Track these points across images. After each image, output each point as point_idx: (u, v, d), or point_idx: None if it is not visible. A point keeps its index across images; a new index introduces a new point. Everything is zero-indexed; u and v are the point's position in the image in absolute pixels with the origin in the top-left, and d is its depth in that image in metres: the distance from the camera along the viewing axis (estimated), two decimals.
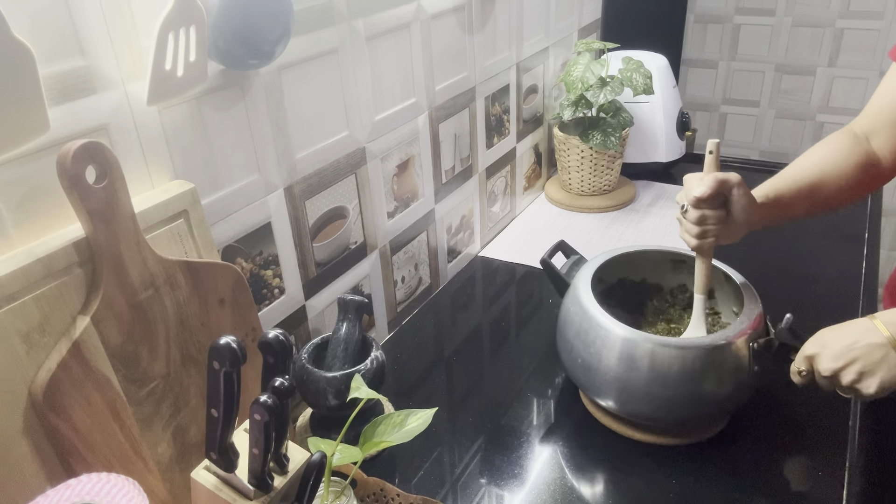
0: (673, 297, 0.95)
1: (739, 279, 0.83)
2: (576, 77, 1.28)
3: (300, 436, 0.86)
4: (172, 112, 0.65)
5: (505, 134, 1.30)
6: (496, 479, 0.79)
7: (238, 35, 0.64)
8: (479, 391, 0.93)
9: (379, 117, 0.93)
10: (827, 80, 2.01)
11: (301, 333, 0.89)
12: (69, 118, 0.56)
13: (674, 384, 0.75)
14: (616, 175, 1.42)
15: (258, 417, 0.50)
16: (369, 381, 0.78)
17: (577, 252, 0.94)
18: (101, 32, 0.57)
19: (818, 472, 0.77)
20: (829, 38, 1.96)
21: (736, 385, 0.76)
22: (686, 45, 2.18)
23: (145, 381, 0.61)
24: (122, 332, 0.58)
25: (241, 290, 0.70)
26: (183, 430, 0.65)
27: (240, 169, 0.74)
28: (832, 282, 1.11)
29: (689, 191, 0.77)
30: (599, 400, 0.82)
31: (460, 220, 1.21)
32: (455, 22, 1.05)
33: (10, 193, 0.54)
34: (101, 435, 0.57)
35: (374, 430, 0.67)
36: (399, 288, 1.08)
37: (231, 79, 0.70)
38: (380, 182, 0.97)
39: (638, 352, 0.75)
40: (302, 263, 0.86)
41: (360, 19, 0.85)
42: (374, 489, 0.74)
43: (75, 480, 0.50)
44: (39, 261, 0.53)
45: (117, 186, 0.56)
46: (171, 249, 0.64)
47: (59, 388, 0.54)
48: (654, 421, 0.81)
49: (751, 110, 2.17)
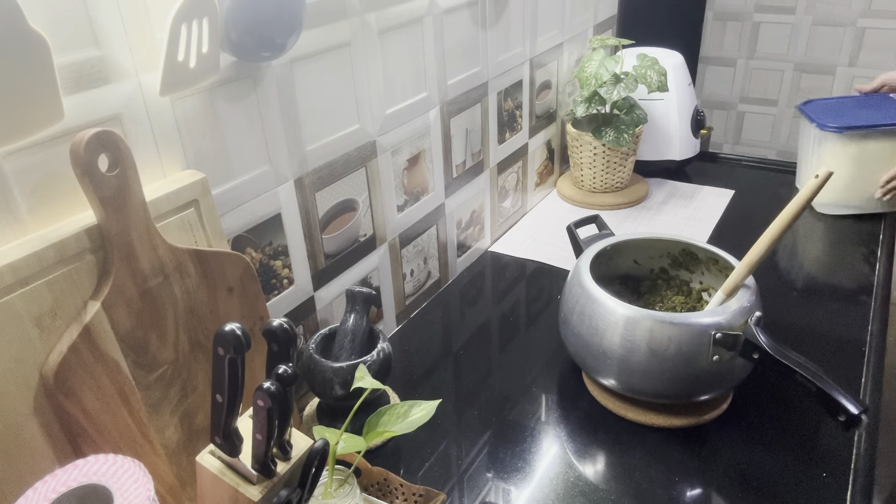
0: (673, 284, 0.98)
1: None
2: (590, 73, 1.28)
3: (307, 425, 0.87)
4: (185, 103, 0.66)
5: (517, 129, 1.30)
6: (502, 473, 0.79)
7: (250, 27, 0.65)
8: (487, 386, 0.94)
9: (390, 111, 0.94)
10: (847, 79, 1.99)
11: (309, 324, 0.90)
12: (83, 107, 0.57)
13: (671, 360, 0.77)
14: (629, 172, 1.42)
15: (261, 404, 0.51)
16: (375, 372, 0.79)
17: (609, 227, 0.98)
18: (116, 23, 0.58)
19: (822, 454, 0.77)
20: (850, 38, 1.94)
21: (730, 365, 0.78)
22: (704, 43, 2.16)
23: (154, 366, 0.62)
24: (132, 318, 0.60)
25: (249, 280, 0.71)
26: (190, 416, 0.66)
27: (251, 160, 0.75)
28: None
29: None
30: (601, 378, 0.84)
31: (471, 214, 1.21)
32: (468, 16, 1.06)
33: (24, 180, 0.55)
34: (109, 418, 0.58)
35: (378, 419, 0.68)
36: (408, 281, 1.08)
37: (243, 71, 0.71)
38: (390, 175, 0.97)
39: (637, 329, 0.78)
40: (311, 255, 0.87)
41: (373, 13, 0.86)
42: (377, 479, 0.74)
43: (83, 461, 0.51)
44: (52, 246, 0.54)
45: (129, 175, 0.57)
46: (182, 238, 0.65)
47: (70, 371, 0.55)
48: (654, 397, 0.82)
49: (769, 109, 2.15)
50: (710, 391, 0.82)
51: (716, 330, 0.75)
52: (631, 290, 0.99)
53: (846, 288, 1.09)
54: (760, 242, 0.78)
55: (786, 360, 0.72)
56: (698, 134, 1.51)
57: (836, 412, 0.68)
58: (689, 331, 0.76)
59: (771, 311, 0.81)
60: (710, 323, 0.76)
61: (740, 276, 0.80)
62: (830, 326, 1.00)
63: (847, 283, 1.10)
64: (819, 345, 0.97)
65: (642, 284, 0.99)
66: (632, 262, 0.99)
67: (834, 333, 0.99)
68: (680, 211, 1.37)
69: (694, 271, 0.96)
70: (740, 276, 0.80)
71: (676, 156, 1.47)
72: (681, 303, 0.95)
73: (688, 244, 0.93)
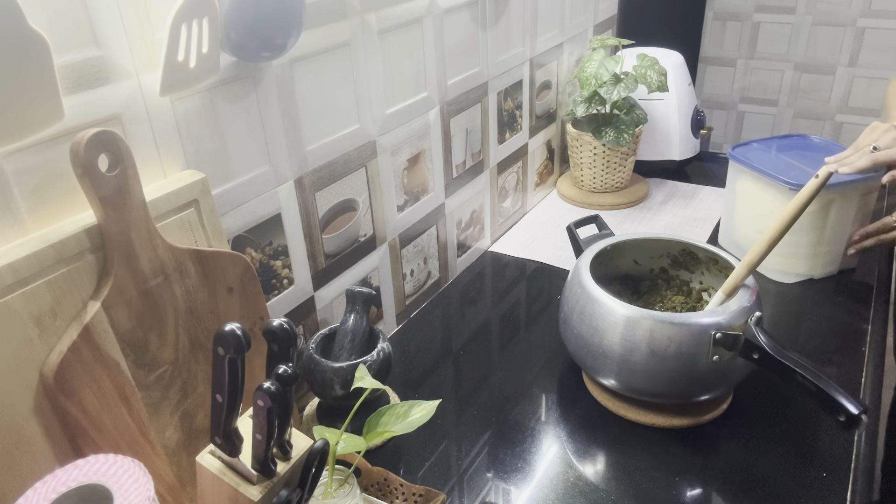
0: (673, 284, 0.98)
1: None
2: (590, 73, 1.28)
3: (307, 425, 0.87)
4: (185, 103, 0.66)
5: (517, 129, 1.30)
6: (502, 473, 0.79)
7: (250, 27, 0.65)
8: (487, 386, 0.94)
9: (390, 111, 0.94)
10: (847, 79, 1.99)
11: (309, 324, 0.90)
12: (83, 107, 0.57)
13: (671, 360, 0.77)
14: (629, 172, 1.42)
15: (261, 403, 0.51)
16: (375, 372, 0.79)
17: (609, 227, 0.98)
18: (116, 23, 0.58)
19: (822, 454, 0.77)
20: (850, 38, 1.94)
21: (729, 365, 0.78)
22: (704, 43, 2.16)
23: (154, 366, 0.62)
24: (132, 318, 0.60)
25: (249, 280, 0.71)
26: (190, 416, 0.66)
27: (251, 160, 0.75)
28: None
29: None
30: (600, 378, 0.84)
31: (470, 214, 1.21)
32: (468, 16, 1.06)
33: (24, 180, 0.55)
34: (109, 418, 0.58)
35: (377, 419, 0.68)
36: (408, 281, 1.08)
37: (243, 71, 0.71)
38: (390, 175, 0.97)
39: (637, 329, 0.78)
40: (311, 255, 0.87)
41: (373, 13, 0.86)
42: (377, 479, 0.74)
43: (83, 461, 0.51)
44: (52, 246, 0.54)
45: (129, 175, 0.57)
46: (182, 238, 0.65)
47: (70, 370, 0.55)
48: (654, 397, 0.82)
49: (769, 109, 2.15)
50: (710, 391, 0.82)
51: (716, 330, 0.75)
52: (631, 290, 0.99)
53: (846, 287, 1.09)
54: (760, 243, 0.78)
55: (786, 360, 0.72)
56: (698, 134, 1.51)
57: (836, 412, 0.68)
58: (689, 331, 0.76)
59: (771, 311, 0.81)
60: (710, 323, 0.76)
61: (740, 276, 0.80)
62: (830, 326, 1.00)
63: (847, 283, 1.10)
64: (819, 345, 0.97)
65: (642, 284, 0.99)
66: (632, 262, 0.99)
67: (834, 333, 0.99)
68: (680, 211, 1.37)
69: (694, 271, 0.96)
70: (740, 276, 0.80)
71: (676, 156, 1.47)
72: (681, 303, 0.95)
73: (688, 244, 0.93)
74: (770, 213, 0.85)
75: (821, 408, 0.69)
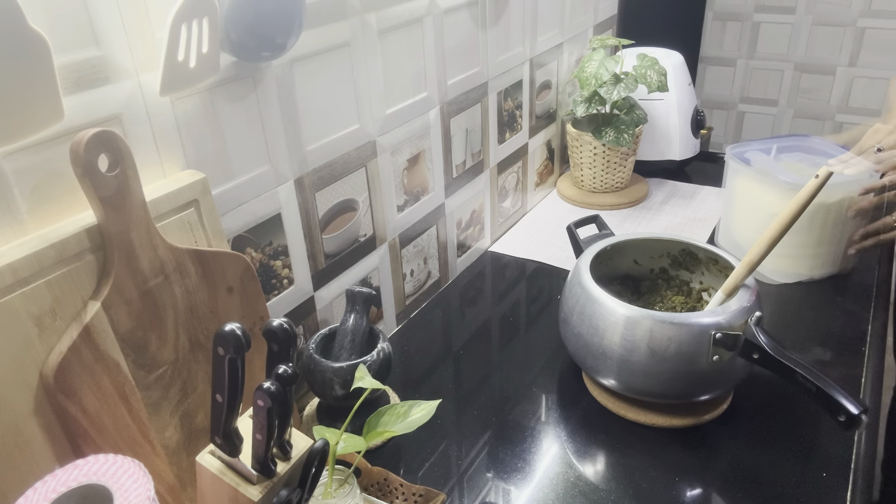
0: (673, 284, 0.98)
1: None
2: (590, 73, 1.28)
3: (307, 425, 0.87)
4: (185, 103, 0.66)
5: (517, 129, 1.30)
6: (502, 473, 0.79)
7: (250, 27, 0.65)
8: (487, 385, 0.94)
9: (390, 111, 0.94)
10: (847, 79, 1.99)
11: (309, 324, 0.90)
12: (83, 107, 0.57)
13: (671, 360, 0.77)
14: (629, 172, 1.42)
15: (261, 403, 0.51)
16: (375, 372, 0.79)
17: (609, 227, 0.98)
18: (116, 23, 0.58)
19: (822, 454, 0.77)
20: (850, 38, 1.94)
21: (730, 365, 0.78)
22: (704, 43, 2.16)
23: (154, 366, 0.62)
24: (132, 318, 0.60)
25: (249, 280, 0.71)
26: (190, 416, 0.66)
27: (251, 160, 0.75)
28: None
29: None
30: (600, 378, 0.84)
31: (471, 214, 1.21)
32: (468, 16, 1.06)
33: (24, 180, 0.55)
34: (109, 418, 0.58)
35: (377, 419, 0.68)
36: (408, 281, 1.08)
37: (243, 71, 0.71)
38: (390, 175, 0.97)
39: (637, 329, 0.78)
40: (311, 255, 0.87)
41: (373, 13, 0.86)
42: (377, 479, 0.74)
43: (83, 461, 0.51)
44: (52, 246, 0.54)
45: (129, 175, 0.57)
46: (182, 238, 0.65)
47: (70, 370, 0.55)
48: (654, 397, 0.82)
49: (769, 109, 2.15)
50: (710, 391, 0.82)
51: (716, 330, 0.75)
52: (631, 290, 0.99)
53: (846, 287, 1.09)
54: (760, 243, 0.78)
55: (786, 360, 0.72)
56: (698, 134, 1.51)
57: (836, 412, 0.68)
58: (689, 331, 0.76)
59: (771, 311, 0.81)
60: (710, 323, 0.76)
61: (740, 276, 0.80)
62: (830, 326, 1.00)
63: (847, 283, 1.10)
64: (819, 345, 0.97)
65: (642, 284, 0.99)
66: (632, 262, 0.99)
67: (834, 333, 0.99)
68: (680, 211, 1.37)
69: (694, 271, 0.96)
70: (740, 276, 0.80)
71: (676, 156, 1.47)
72: (681, 303, 0.95)
73: (688, 244, 0.93)
74: (769, 214, 0.84)
75: (821, 408, 0.69)
